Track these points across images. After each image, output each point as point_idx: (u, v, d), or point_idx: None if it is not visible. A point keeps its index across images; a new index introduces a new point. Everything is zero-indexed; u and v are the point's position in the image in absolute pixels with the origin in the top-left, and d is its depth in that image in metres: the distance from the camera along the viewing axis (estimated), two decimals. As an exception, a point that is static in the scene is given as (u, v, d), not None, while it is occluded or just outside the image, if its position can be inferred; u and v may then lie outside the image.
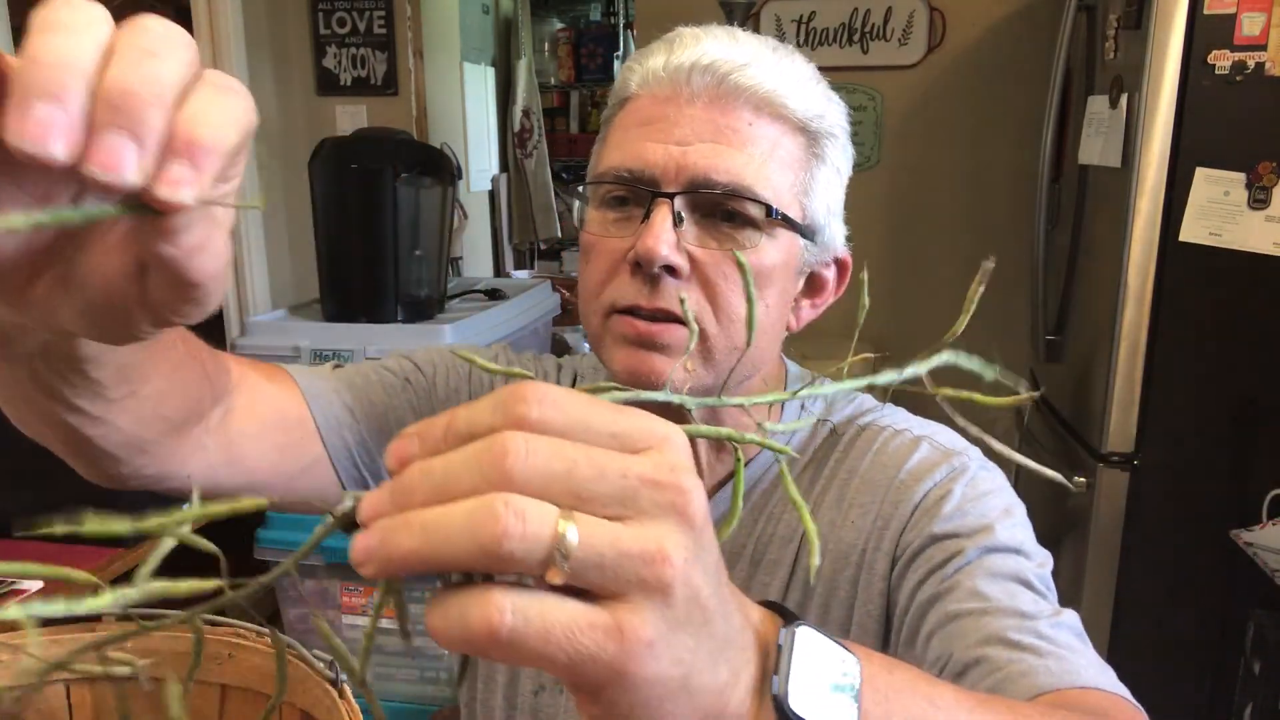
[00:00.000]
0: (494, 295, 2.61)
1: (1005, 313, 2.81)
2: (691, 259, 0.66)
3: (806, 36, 2.81)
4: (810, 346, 2.66)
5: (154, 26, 0.30)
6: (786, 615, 0.37)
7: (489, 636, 0.28)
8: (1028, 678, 0.56)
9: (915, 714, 0.38)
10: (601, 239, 0.69)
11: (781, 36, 2.79)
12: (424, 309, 2.32)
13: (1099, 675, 0.58)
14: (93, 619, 0.61)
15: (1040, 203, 2.16)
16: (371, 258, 2.22)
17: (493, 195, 4.20)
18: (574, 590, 0.28)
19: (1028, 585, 0.64)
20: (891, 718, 0.36)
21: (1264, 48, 1.72)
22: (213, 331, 0.60)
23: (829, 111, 0.71)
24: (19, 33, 2.98)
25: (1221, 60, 1.74)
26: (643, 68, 0.70)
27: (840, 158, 0.72)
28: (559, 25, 4.90)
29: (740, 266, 0.62)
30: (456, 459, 0.29)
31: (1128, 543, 1.94)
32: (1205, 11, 1.73)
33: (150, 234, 0.31)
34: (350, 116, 3.02)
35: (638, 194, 0.67)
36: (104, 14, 0.30)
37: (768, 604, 0.37)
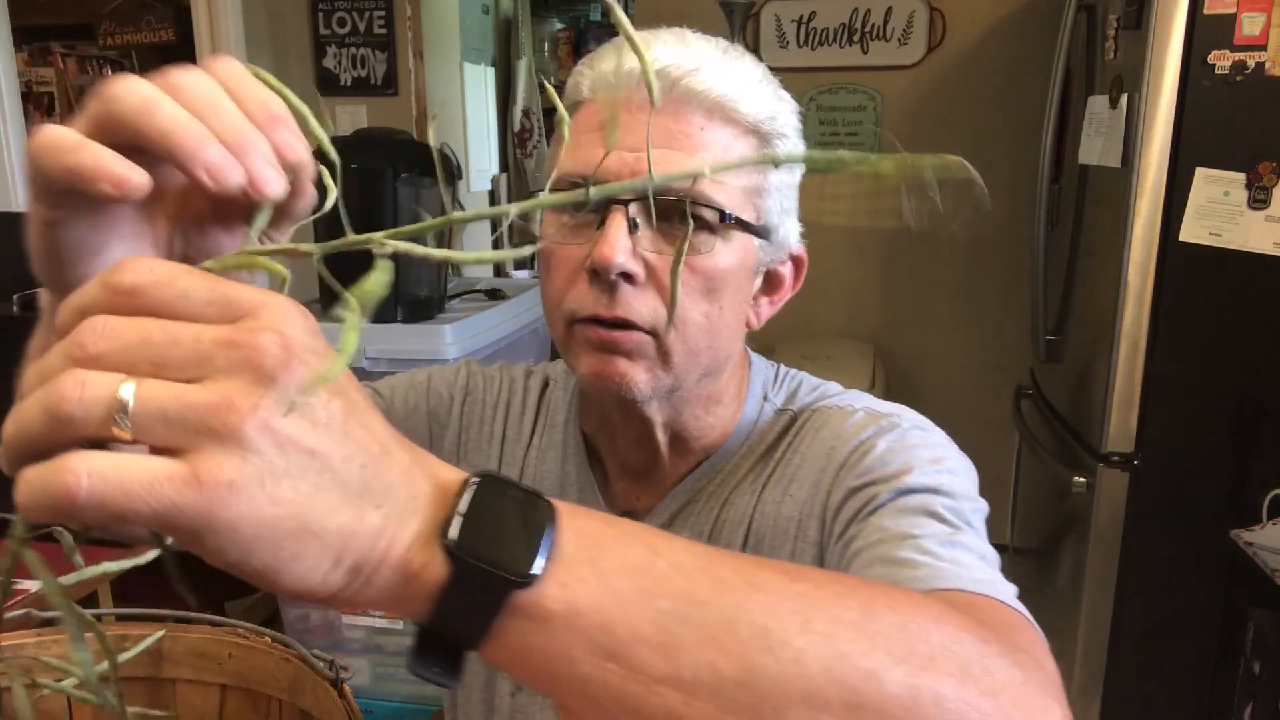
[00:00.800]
0: (494, 295, 2.61)
1: (1005, 313, 2.81)
2: (647, 265, 0.67)
3: (806, 36, 2.81)
4: (810, 346, 2.66)
5: (229, 69, 0.39)
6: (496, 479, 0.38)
7: (69, 498, 0.30)
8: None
9: (634, 561, 0.37)
10: (560, 247, 0.70)
11: (782, 36, 2.80)
12: (424, 309, 2.31)
13: (976, 583, 0.56)
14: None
15: (1040, 203, 2.15)
16: (372, 258, 2.21)
17: (493, 195, 4.19)
18: (161, 452, 0.31)
19: (936, 517, 0.62)
20: (599, 561, 0.37)
21: (1264, 48, 1.72)
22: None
23: (780, 112, 0.71)
24: (19, 33, 2.98)
25: (1221, 60, 1.74)
26: (594, 72, 0.70)
27: None
28: (559, 25, 4.90)
29: (677, 255, 0.65)
30: (54, 349, 0.32)
31: (1128, 543, 1.94)
32: (1205, 11, 1.73)
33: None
34: (350, 116, 3.02)
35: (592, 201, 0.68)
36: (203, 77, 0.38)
37: (485, 473, 0.37)
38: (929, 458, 0.68)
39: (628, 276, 0.66)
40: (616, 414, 0.76)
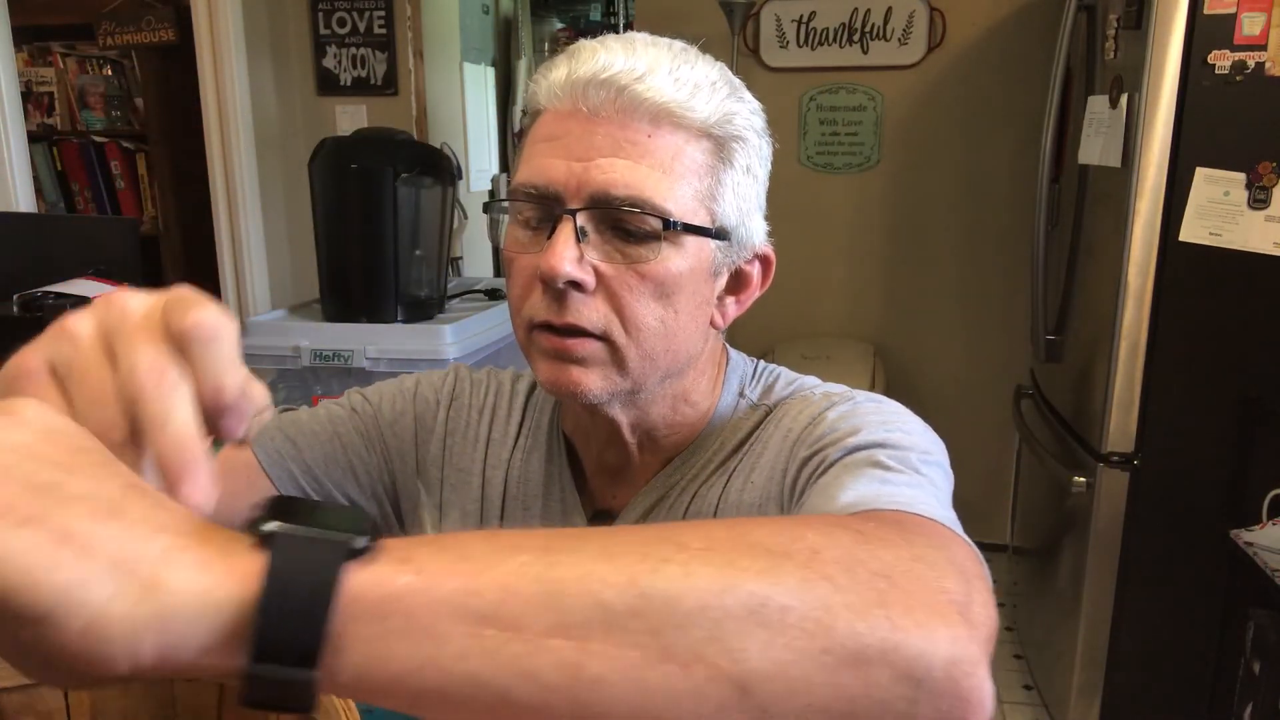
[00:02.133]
0: (494, 295, 2.61)
1: (1005, 313, 2.81)
2: (597, 272, 0.68)
3: (806, 36, 2.81)
4: (810, 346, 2.66)
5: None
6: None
7: None
8: None
9: (481, 537, 0.36)
10: (518, 256, 0.71)
11: (782, 36, 2.81)
12: (424, 309, 2.31)
13: (894, 503, 0.55)
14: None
15: (1040, 203, 2.15)
16: (371, 258, 2.21)
17: (493, 195, 4.20)
18: None
19: (878, 465, 0.62)
20: (441, 540, 0.35)
21: (1264, 48, 1.72)
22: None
23: (737, 113, 0.71)
24: (19, 33, 2.98)
25: (1221, 60, 1.74)
26: (547, 81, 0.71)
27: (751, 158, 0.72)
28: (559, 25, 4.90)
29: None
30: None
31: (1128, 543, 1.94)
32: (1205, 11, 1.73)
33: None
34: (350, 116, 3.02)
35: (544, 210, 0.69)
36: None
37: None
38: (879, 420, 0.69)
39: (576, 285, 0.67)
40: (585, 416, 0.78)
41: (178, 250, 3.76)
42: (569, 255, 0.66)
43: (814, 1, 2.79)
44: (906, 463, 0.63)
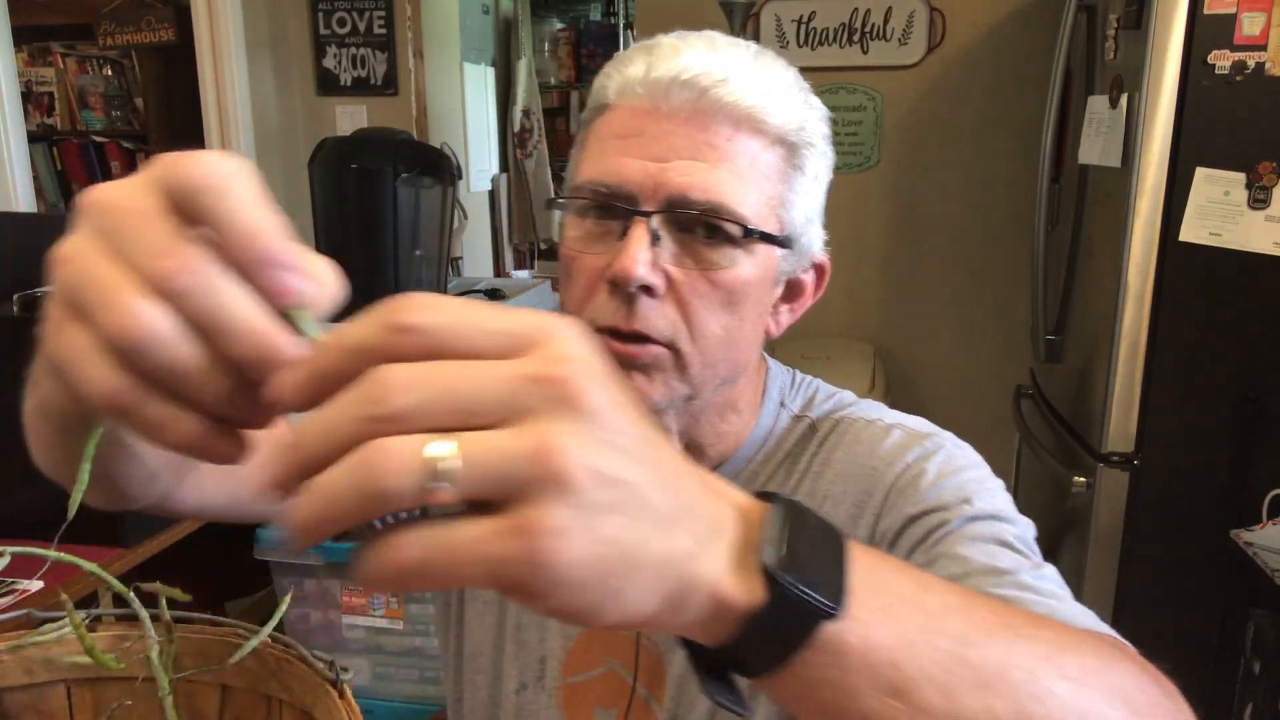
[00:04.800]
0: (494, 295, 2.61)
1: (1005, 313, 2.81)
2: (668, 277, 0.67)
3: (806, 37, 2.81)
4: (810, 346, 2.66)
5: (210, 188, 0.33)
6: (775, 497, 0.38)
7: (401, 573, 0.29)
8: None
9: (909, 594, 0.38)
10: (580, 255, 0.69)
11: (781, 36, 2.80)
12: (424, 309, 2.32)
13: (1084, 618, 0.57)
14: (93, 619, 0.61)
15: (1040, 203, 2.15)
16: (372, 258, 2.21)
17: (493, 195, 4.19)
18: (488, 505, 0.29)
19: (1008, 546, 0.63)
20: (884, 595, 0.37)
21: (1264, 48, 1.72)
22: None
23: (809, 121, 0.70)
24: (19, 33, 2.98)
25: (1221, 60, 1.74)
26: (621, 76, 0.69)
27: (819, 165, 0.72)
28: (559, 25, 4.90)
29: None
30: (337, 410, 0.29)
31: (1128, 543, 1.94)
32: (1205, 11, 1.73)
33: None
34: (350, 116, 3.02)
35: (615, 210, 0.67)
36: None
37: (776, 496, 0.38)
38: (978, 479, 0.70)
39: (647, 289, 0.66)
40: None
41: (178, 250, 3.76)
42: (643, 259, 0.65)
43: (814, 2, 2.79)
44: (1028, 544, 0.65)
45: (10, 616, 0.60)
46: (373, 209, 2.18)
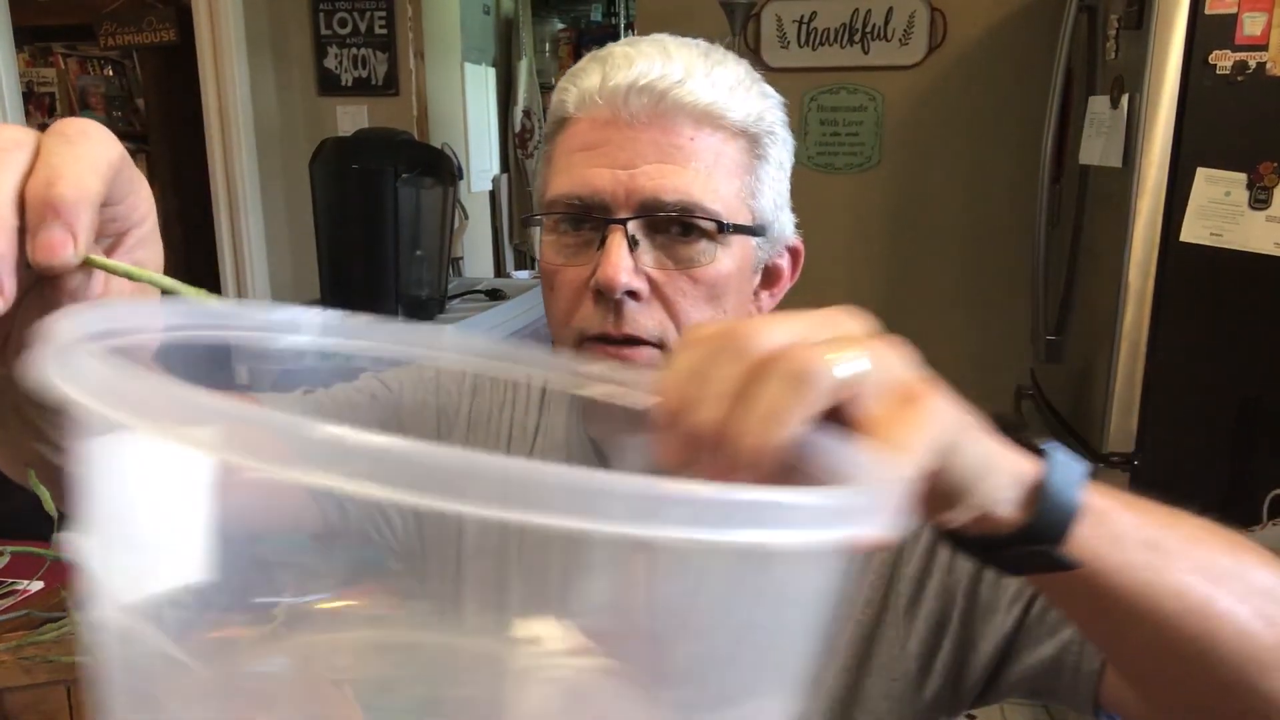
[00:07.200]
0: (494, 295, 2.61)
1: (1005, 313, 2.81)
2: (650, 280, 0.68)
3: (807, 37, 2.81)
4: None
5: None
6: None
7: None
8: None
9: (1153, 534, 0.47)
10: (562, 268, 0.70)
11: (782, 36, 2.81)
12: (425, 309, 2.32)
13: None
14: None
15: (1040, 203, 2.16)
16: (372, 258, 2.22)
17: (493, 195, 4.20)
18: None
19: None
20: (1143, 528, 0.46)
21: (1265, 48, 1.72)
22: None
23: (766, 110, 0.71)
24: (20, 34, 2.98)
25: (1222, 60, 1.74)
26: (578, 89, 0.70)
27: (782, 152, 0.73)
28: (560, 26, 4.90)
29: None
30: (717, 371, 0.37)
31: (1128, 543, 1.94)
32: (1206, 11, 1.73)
33: (53, 299, 0.36)
34: (351, 117, 3.02)
35: (591, 221, 0.69)
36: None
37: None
38: None
39: (632, 294, 0.67)
40: (629, 425, 0.77)
41: (179, 250, 3.77)
42: (625, 265, 0.66)
43: (815, 2, 2.79)
44: None
45: (10, 616, 0.60)
46: (373, 209, 2.18)
